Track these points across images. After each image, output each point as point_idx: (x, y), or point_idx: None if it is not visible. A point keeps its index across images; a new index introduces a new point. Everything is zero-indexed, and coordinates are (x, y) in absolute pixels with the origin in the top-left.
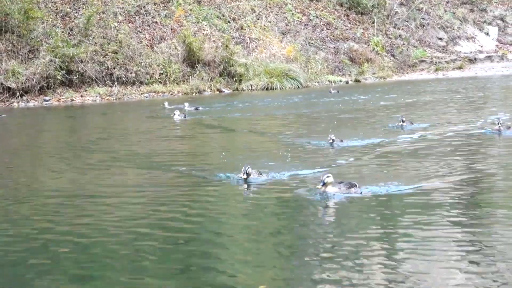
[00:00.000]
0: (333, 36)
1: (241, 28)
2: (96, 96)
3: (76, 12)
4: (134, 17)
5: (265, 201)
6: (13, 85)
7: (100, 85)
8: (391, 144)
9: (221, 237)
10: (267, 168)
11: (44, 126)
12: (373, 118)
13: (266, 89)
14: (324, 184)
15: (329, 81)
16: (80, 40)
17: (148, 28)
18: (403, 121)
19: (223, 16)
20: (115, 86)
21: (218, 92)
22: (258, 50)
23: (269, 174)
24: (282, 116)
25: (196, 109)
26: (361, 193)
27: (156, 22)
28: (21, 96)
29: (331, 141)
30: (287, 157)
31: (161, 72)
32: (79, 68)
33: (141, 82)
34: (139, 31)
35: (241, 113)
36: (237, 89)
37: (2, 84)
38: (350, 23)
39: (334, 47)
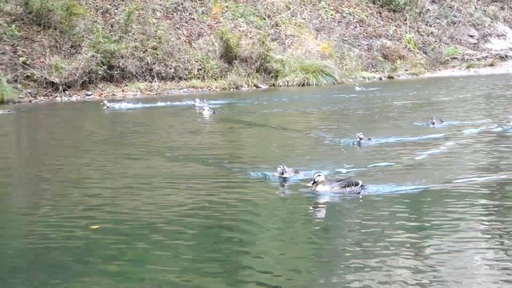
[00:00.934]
0: (366, 33)
1: (276, 25)
2: (137, 91)
3: (116, 9)
4: (172, 14)
5: (299, 200)
6: (56, 80)
7: (140, 80)
8: (419, 142)
9: (258, 236)
10: (296, 165)
11: (87, 120)
12: (403, 116)
13: (302, 85)
14: (315, 183)
15: (363, 77)
16: (121, 36)
17: (186, 24)
18: (433, 123)
19: (259, 13)
20: (155, 81)
21: (255, 87)
22: (294, 47)
23: (305, 173)
24: (314, 112)
25: (214, 112)
26: (358, 193)
27: (193, 19)
28: (64, 90)
29: (358, 139)
30: (317, 154)
31: (199, 67)
32: (120, 64)
33: (180, 78)
34: (177, 28)
35: (272, 109)
36: (274, 85)
37: (45, 79)
38: (382, 21)
39: (367, 44)
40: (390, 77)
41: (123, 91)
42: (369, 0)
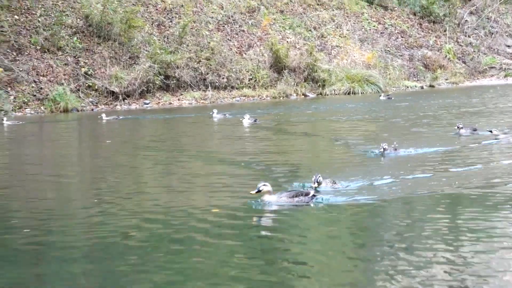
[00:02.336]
0: (408, 43)
1: (322, 36)
2: (192, 100)
3: (170, 21)
4: (224, 26)
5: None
6: (116, 89)
7: (194, 90)
8: (444, 153)
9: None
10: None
11: (146, 127)
12: (433, 126)
13: (348, 94)
14: (259, 191)
15: (406, 86)
16: (176, 48)
17: (236, 36)
18: (459, 127)
19: (305, 25)
20: (209, 90)
21: (303, 96)
22: (339, 57)
23: (342, 183)
24: (349, 120)
25: (255, 121)
26: (307, 202)
27: (243, 31)
28: (124, 99)
29: (382, 150)
30: (341, 164)
31: (250, 77)
32: (176, 74)
33: (232, 87)
34: (228, 39)
35: (312, 117)
36: (321, 94)
37: (106, 88)
38: (423, 31)
39: (409, 54)
40: (431, 86)
41: (179, 99)
42: (410, 12)
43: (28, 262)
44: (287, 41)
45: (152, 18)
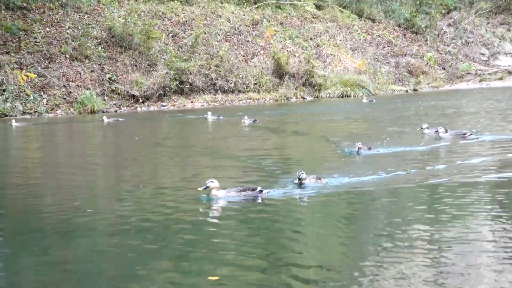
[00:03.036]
0: (393, 52)
1: (318, 45)
2: (204, 102)
3: (184, 33)
4: (231, 37)
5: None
6: (137, 93)
7: (206, 93)
8: (412, 152)
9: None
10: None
11: (164, 127)
12: (408, 127)
13: (342, 97)
14: (207, 188)
15: (393, 90)
16: (189, 56)
17: (242, 46)
18: (422, 128)
19: (303, 35)
20: (218, 94)
21: (302, 99)
22: (333, 64)
23: (326, 180)
24: (332, 121)
25: (254, 121)
26: (256, 197)
27: (248, 41)
28: (143, 102)
29: (357, 148)
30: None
31: (255, 82)
32: (189, 79)
33: (239, 91)
34: (235, 48)
35: (302, 118)
36: (317, 97)
37: (128, 92)
38: (407, 41)
39: (395, 62)
40: (415, 90)
41: (192, 102)
42: (395, 24)
43: (58, 244)
44: (287, 50)
45: (167, 30)
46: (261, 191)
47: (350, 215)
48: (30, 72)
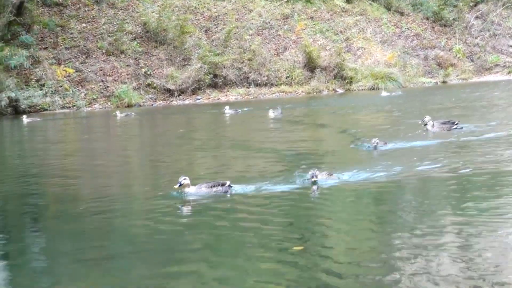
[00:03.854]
0: (422, 45)
1: (347, 39)
2: (237, 95)
3: (216, 27)
4: (262, 31)
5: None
6: (172, 87)
7: (239, 87)
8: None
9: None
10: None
11: (197, 119)
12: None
13: (372, 89)
14: (181, 185)
15: (422, 82)
16: (222, 50)
17: (273, 39)
18: (425, 125)
19: (333, 29)
20: (251, 87)
21: (333, 91)
22: (364, 57)
23: (339, 176)
24: (357, 113)
25: (280, 114)
26: (226, 192)
27: (279, 35)
28: (178, 95)
29: (375, 144)
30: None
31: (287, 75)
32: (223, 73)
33: (272, 84)
34: (267, 42)
35: (328, 111)
36: (349, 89)
37: (163, 86)
38: (435, 34)
39: (424, 54)
40: (444, 82)
41: (226, 95)
42: (423, 17)
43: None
44: (318, 44)
45: (200, 25)
46: (230, 186)
47: (374, 209)
48: (68, 67)
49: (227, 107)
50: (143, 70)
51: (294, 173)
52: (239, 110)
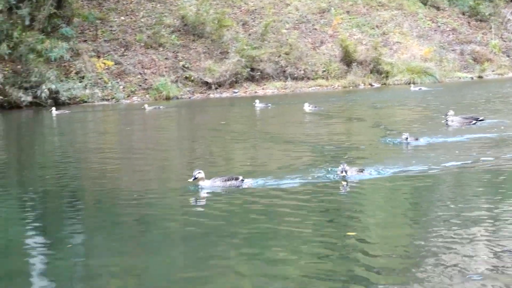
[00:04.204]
0: (458, 39)
1: (384, 33)
2: (274, 89)
3: (253, 21)
4: (299, 25)
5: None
6: (210, 80)
7: (276, 80)
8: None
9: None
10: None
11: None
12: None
13: (409, 84)
14: (196, 179)
15: (458, 77)
16: (260, 44)
17: (310, 34)
18: (446, 120)
19: (369, 24)
20: (288, 80)
21: (370, 85)
22: (400, 52)
23: (370, 171)
24: (386, 108)
25: (315, 108)
26: (239, 186)
27: (316, 29)
28: (216, 88)
29: (406, 139)
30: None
31: (324, 69)
32: (260, 66)
33: (308, 78)
34: (303, 36)
35: (364, 105)
36: (385, 84)
37: (201, 79)
38: (471, 29)
39: (460, 49)
40: (480, 77)
41: (263, 89)
42: (459, 12)
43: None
44: (354, 38)
45: (238, 19)
46: (242, 180)
47: (409, 203)
48: (107, 59)
49: (257, 101)
50: (181, 63)
51: (325, 167)
52: (269, 104)
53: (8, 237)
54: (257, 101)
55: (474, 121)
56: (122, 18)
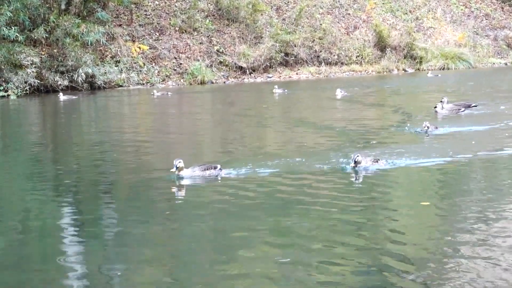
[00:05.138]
0: (492, 25)
1: (417, 18)
2: (308, 74)
3: (287, 6)
4: (332, 10)
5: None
6: (244, 65)
7: (310, 65)
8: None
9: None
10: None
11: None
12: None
13: (442, 69)
14: (177, 168)
15: (492, 63)
16: (294, 29)
17: (343, 19)
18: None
19: (402, 8)
20: (322, 66)
21: (403, 71)
22: (434, 37)
23: (386, 161)
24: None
25: (346, 94)
26: (217, 175)
27: (349, 14)
28: (250, 73)
29: (426, 128)
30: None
31: (357, 54)
32: (294, 51)
33: (342, 63)
34: (337, 21)
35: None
36: (418, 69)
37: (235, 63)
38: (505, 14)
39: (493, 35)
40: None
41: (297, 74)
42: None
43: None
44: (387, 23)
45: (271, 3)
46: (220, 169)
47: (436, 193)
48: (142, 43)
49: (276, 86)
50: (216, 47)
51: (340, 157)
52: (286, 90)
53: (44, 219)
54: (276, 86)
55: (463, 109)
56: (157, 2)
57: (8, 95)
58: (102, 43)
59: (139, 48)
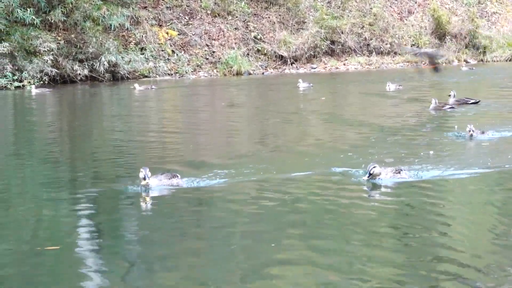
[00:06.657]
0: None
1: (480, 2)
2: (357, 65)
3: None
4: None
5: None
6: (285, 54)
7: (358, 55)
8: None
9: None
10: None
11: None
12: None
13: (510, 60)
14: (145, 179)
15: None
16: (341, 14)
17: (396, 2)
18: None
19: None
20: (373, 55)
21: (465, 62)
22: (499, 24)
23: (410, 172)
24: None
25: (399, 86)
26: (178, 184)
27: None
28: (291, 64)
29: (470, 133)
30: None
31: (413, 43)
32: (341, 39)
33: (395, 53)
34: (389, 5)
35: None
36: (482, 60)
37: (275, 52)
38: None
39: None
40: None
41: (344, 64)
42: None
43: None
44: (446, 8)
45: None
46: (180, 178)
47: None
48: (170, 28)
49: (300, 80)
50: (253, 34)
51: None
52: (311, 84)
53: (58, 214)
54: (300, 80)
55: (448, 106)
56: None
57: (23, 85)
58: (127, 28)
59: (167, 33)
